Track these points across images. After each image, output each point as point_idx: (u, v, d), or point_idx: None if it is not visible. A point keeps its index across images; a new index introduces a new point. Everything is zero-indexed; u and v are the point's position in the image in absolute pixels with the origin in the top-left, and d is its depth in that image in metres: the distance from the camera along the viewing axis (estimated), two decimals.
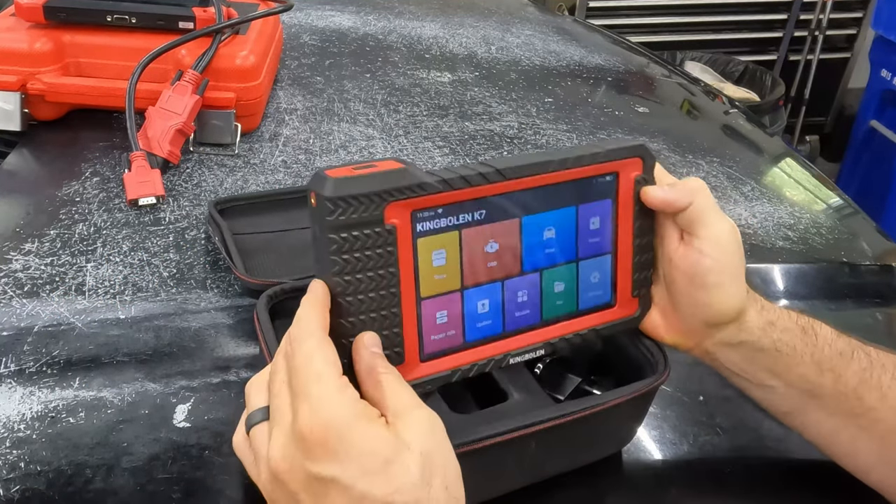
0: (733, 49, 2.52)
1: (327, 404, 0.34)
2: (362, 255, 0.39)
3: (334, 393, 0.35)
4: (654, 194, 0.46)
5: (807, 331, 0.48)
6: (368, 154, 0.82)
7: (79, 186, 0.71)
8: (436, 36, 1.19)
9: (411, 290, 0.41)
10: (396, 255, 0.40)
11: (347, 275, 0.39)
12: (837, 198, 0.92)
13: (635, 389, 0.46)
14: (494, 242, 0.44)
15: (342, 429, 0.34)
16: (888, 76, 2.21)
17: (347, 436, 0.34)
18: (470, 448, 0.41)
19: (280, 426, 0.36)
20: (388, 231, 0.39)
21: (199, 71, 0.76)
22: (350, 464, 0.34)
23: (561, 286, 0.47)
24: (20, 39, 0.76)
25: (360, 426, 0.34)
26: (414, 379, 0.42)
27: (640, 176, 0.47)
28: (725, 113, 1.13)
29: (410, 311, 0.42)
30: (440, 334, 0.43)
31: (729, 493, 0.52)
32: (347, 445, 0.34)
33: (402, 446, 0.34)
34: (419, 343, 0.42)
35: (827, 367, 0.47)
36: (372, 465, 0.34)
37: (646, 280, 0.49)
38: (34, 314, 0.55)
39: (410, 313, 0.42)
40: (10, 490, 0.44)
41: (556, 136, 0.92)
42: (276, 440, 0.35)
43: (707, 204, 0.46)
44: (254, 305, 0.49)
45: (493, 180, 0.42)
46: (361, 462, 0.34)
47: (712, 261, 0.45)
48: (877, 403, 0.46)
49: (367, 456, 0.34)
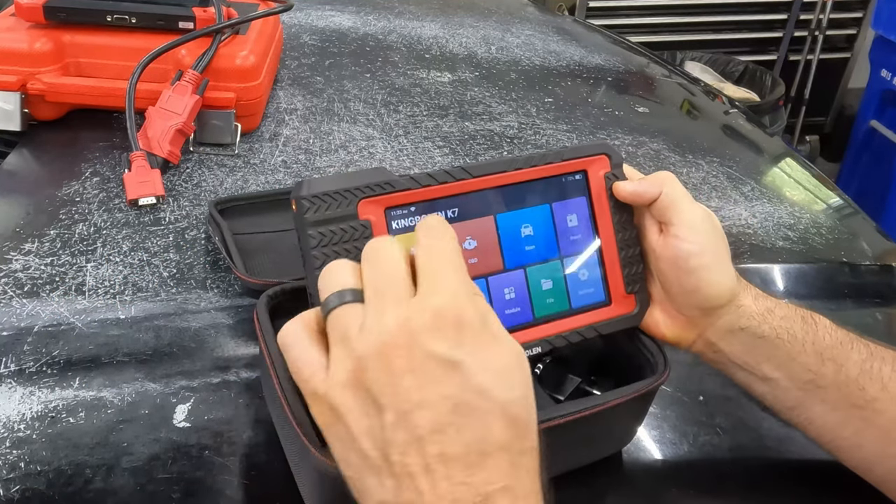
0: (733, 49, 2.52)
1: (464, 294, 0.34)
2: (341, 249, 0.41)
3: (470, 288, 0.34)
4: (624, 188, 0.48)
5: (806, 319, 0.48)
6: (368, 154, 0.82)
7: (79, 186, 0.71)
8: (436, 36, 1.19)
9: None
10: None
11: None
12: (837, 198, 0.92)
13: (635, 390, 0.46)
14: (472, 239, 0.45)
15: (476, 321, 0.33)
16: (888, 76, 2.21)
17: (478, 331, 0.33)
18: None
19: (398, 302, 0.33)
20: (363, 225, 0.42)
21: (199, 71, 0.76)
22: (477, 356, 0.32)
23: (549, 284, 0.48)
24: (20, 39, 0.76)
25: (490, 326, 0.34)
26: None
27: (609, 173, 0.49)
28: (725, 113, 1.13)
29: None
30: None
31: (729, 493, 0.52)
32: (478, 339, 0.33)
33: (522, 361, 0.34)
34: None
35: (828, 356, 0.47)
36: (496, 365, 0.33)
37: (637, 276, 0.50)
38: (34, 314, 0.55)
39: None
40: (10, 490, 0.44)
41: (556, 136, 0.92)
42: (391, 313, 0.33)
43: (677, 191, 0.47)
44: (254, 305, 0.49)
45: (460, 178, 0.44)
46: (488, 358, 0.33)
47: (691, 244, 0.46)
48: (878, 394, 0.46)
49: (492, 356, 0.33)
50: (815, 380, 0.47)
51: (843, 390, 0.47)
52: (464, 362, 0.32)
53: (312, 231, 0.41)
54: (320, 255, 0.41)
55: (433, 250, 0.35)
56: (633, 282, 0.50)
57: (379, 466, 0.33)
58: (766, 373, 0.48)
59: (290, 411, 0.41)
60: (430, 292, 0.33)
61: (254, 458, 0.49)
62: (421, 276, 0.34)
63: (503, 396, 0.33)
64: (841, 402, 0.47)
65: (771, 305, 0.48)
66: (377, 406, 0.32)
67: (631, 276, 0.49)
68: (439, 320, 0.32)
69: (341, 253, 0.41)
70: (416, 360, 0.32)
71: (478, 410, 0.32)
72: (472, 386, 0.32)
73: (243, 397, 0.52)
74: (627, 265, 0.49)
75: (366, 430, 0.33)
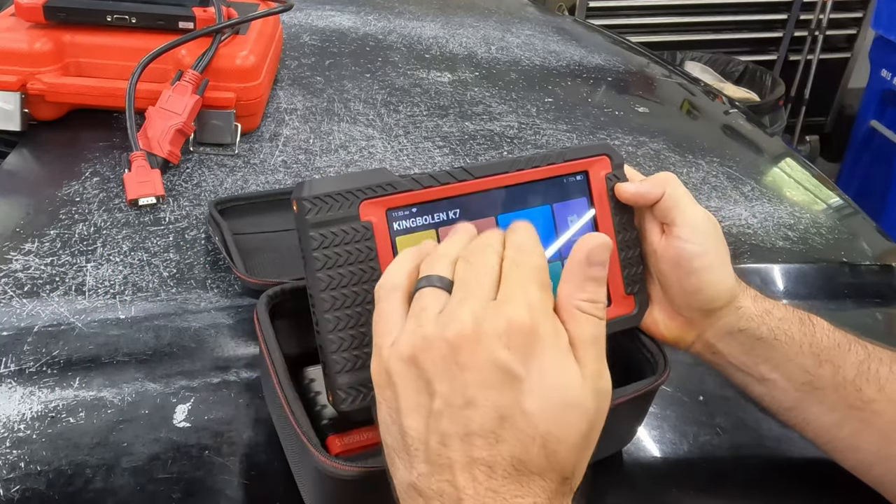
0: (733, 49, 2.52)
1: (543, 313, 0.33)
2: (342, 251, 0.41)
3: (550, 307, 0.34)
4: (627, 189, 0.48)
5: (804, 321, 0.48)
6: (368, 154, 0.82)
7: (79, 186, 0.71)
8: (436, 36, 1.19)
9: None
10: (376, 251, 0.42)
11: (330, 269, 0.41)
12: (837, 198, 0.92)
13: (635, 389, 0.46)
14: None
15: (547, 343, 0.33)
16: (888, 76, 2.21)
17: (548, 353, 0.32)
18: None
19: (478, 300, 0.33)
20: (364, 227, 0.41)
21: (199, 71, 0.76)
22: (537, 379, 0.32)
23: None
24: (20, 39, 0.76)
25: (561, 354, 0.33)
26: None
27: (610, 174, 0.49)
28: (725, 113, 1.13)
29: None
30: None
31: (729, 493, 0.52)
32: (544, 360, 0.32)
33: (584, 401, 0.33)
34: None
35: (825, 357, 0.47)
36: (553, 396, 0.32)
37: (637, 276, 0.50)
38: (34, 314, 0.55)
39: None
40: (10, 490, 0.44)
41: (556, 136, 0.92)
42: (468, 308, 0.33)
43: (679, 192, 0.47)
44: (254, 305, 0.49)
45: (462, 179, 0.44)
46: (547, 384, 0.32)
47: (694, 245, 0.46)
48: (876, 395, 0.46)
49: (554, 385, 0.32)
50: (813, 381, 0.47)
51: (841, 392, 0.47)
52: (522, 377, 0.32)
53: (314, 232, 0.40)
54: (321, 256, 0.40)
55: (520, 263, 0.35)
56: (633, 283, 0.50)
57: (416, 448, 0.33)
58: (764, 374, 0.48)
59: (290, 411, 0.41)
60: (510, 300, 0.33)
61: (254, 458, 0.49)
62: (504, 285, 0.34)
63: (546, 428, 0.32)
64: (838, 403, 0.47)
65: (769, 307, 0.48)
66: (430, 390, 0.33)
67: (631, 277, 0.49)
68: (512, 329, 0.32)
69: (342, 255, 0.41)
70: (479, 360, 0.32)
71: (519, 433, 0.32)
72: (522, 404, 0.32)
73: (243, 397, 0.52)
74: (628, 266, 0.49)
75: (413, 407, 0.33)
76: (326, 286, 0.41)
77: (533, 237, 0.37)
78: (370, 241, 0.41)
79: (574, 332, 0.34)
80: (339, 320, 0.41)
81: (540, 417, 0.32)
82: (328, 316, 0.41)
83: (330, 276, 0.41)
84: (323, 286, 0.40)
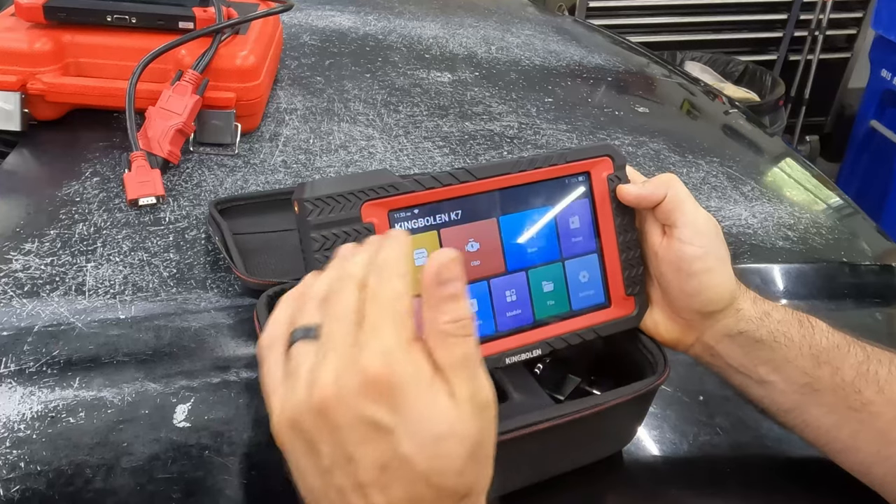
0: (733, 49, 2.52)
1: (399, 354, 0.32)
2: None
3: (407, 345, 0.33)
4: (629, 191, 0.48)
5: (803, 322, 0.48)
6: (368, 154, 0.82)
7: (79, 186, 0.71)
8: (436, 36, 1.19)
9: None
10: None
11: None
12: (837, 198, 0.92)
13: (635, 389, 0.46)
14: (475, 242, 0.45)
15: (408, 385, 0.32)
16: (888, 76, 2.21)
17: (411, 394, 0.32)
18: None
19: (338, 353, 0.33)
20: (366, 229, 0.41)
21: (199, 71, 0.76)
22: (406, 423, 0.32)
23: (550, 286, 0.48)
24: (20, 39, 0.76)
25: (425, 390, 0.32)
26: None
27: (612, 175, 0.49)
28: (725, 113, 1.13)
29: None
30: None
31: (729, 493, 0.52)
32: (409, 403, 0.32)
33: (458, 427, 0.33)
34: None
35: (824, 359, 0.47)
36: (424, 435, 0.32)
37: (637, 278, 0.50)
38: (34, 314, 0.55)
39: None
40: (10, 490, 0.44)
41: (556, 136, 0.92)
42: (330, 365, 0.33)
43: (681, 194, 0.47)
44: (254, 305, 0.49)
45: (464, 180, 0.44)
46: (416, 426, 0.32)
47: (695, 247, 0.46)
48: (875, 397, 0.46)
49: (424, 423, 0.32)
50: (812, 383, 0.47)
51: (840, 393, 0.47)
52: (391, 426, 0.32)
53: (315, 234, 0.40)
54: (323, 258, 0.40)
55: (377, 296, 0.34)
56: (633, 284, 0.49)
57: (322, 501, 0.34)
58: (763, 376, 0.48)
59: None
60: (365, 346, 0.33)
61: (254, 458, 0.49)
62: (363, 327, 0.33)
63: (426, 466, 0.32)
64: (837, 405, 0.47)
65: (768, 309, 0.48)
66: (315, 450, 0.33)
67: (631, 279, 0.49)
68: (370, 382, 0.32)
69: None
70: (348, 419, 0.32)
71: (403, 477, 0.32)
72: (398, 453, 0.32)
73: (243, 397, 0.52)
74: (628, 267, 0.49)
75: (308, 467, 0.34)
76: None
77: (398, 251, 0.35)
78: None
79: (442, 357, 0.33)
80: None
81: (418, 458, 0.32)
82: None
83: None
84: None
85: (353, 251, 0.37)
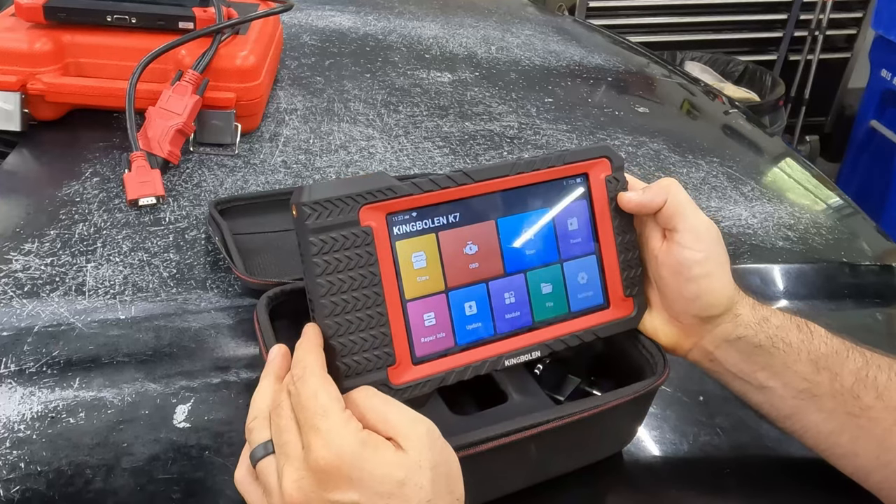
0: (733, 49, 2.52)
1: (336, 436, 0.36)
2: (342, 256, 0.41)
3: (342, 425, 0.36)
4: (630, 199, 0.48)
5: (801, 328, 0.48)
6: (368, 154, 0.82)
7: (79, 186, 0.71)
8: (436, 36, 1.19)
9: (395, 291, 0.43)
10: (376, 256, 0.42)
11: (330, 275, 0.41)
12: (837, 198, 0.92)
13: (635, 390, 0.46)
14: (473, 244, 0.45)
15: (354, 457, 0.35)
16: (888, 76, 2.21)
17: (360, 463, 0.35)
18: (471, 451, 0.41)
19: (291, 460, 0.36)
20: (364, 232, 0.41)
21: (199, 71, 0.76)
22: (366, 489, 0.35)
23: (549, 288, 0.48)
24: (20, 39, 0.76)
25: (370, 453, 0.36)
26: (407, 382, 0.43)
27: (610, 176, 0.49)
28: (725, 113, 1.13)
29: (397, 313, 0.43)
30: (430, 336, 0.44)
31: (729, 493, 0.52)
32: (361, 472, 0.35)
33: (412, 466, 0.36)
34: (409, 345, 0.43)
35: (823, 365, 0.47)
36: (387, 488, 0.35)
37: (636, 279, 0.49)
38: (34, 314, 0.55)
39: (397, 315, 0.43)
40: (10, 490, 0.44)
41: (556, 136, 0.92)
42: (289, 474, 0.36)
43: (682, 198, 0.47)
44: (254, 305, 0.49)
45: (462, 182, 0.44)
46: (377, 486, 0.35)
47: (695, 252, 0.46)
48: (874, 403, 0.46)
49: (381, 480, 0.35)
50: (811, 388, 0.47)
51: (839, 399, 0.47)
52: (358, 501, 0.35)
53: (313, 238, 0.40)
54: (321, 262, 0.40)
55: (299, 403, 0.37)
56: (632, 285, 0.49)
57: None
58: (762, 381, 0.48)
59: None
60: (310, 446, 0.36)
61: None
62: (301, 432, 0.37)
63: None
64: (836, 410, 0.47)
65: (767, 314, 0.48)
66: None
67: (630, 280, 0.49)
68: (324, 475, 0.35)
69: (342, 260, 0.41)
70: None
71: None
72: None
73: (243, 397, 0.52)
74: (626, 268, 0.49)
75: None
76: (326, 292, 0.40)
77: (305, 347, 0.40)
78: (370, 246, 0.41)
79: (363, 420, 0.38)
80: (339, 325, 0.41)
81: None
82: (328, 321, 0.41)
83: (330, 281, 0.40)
84: (323, 292, 0.40)
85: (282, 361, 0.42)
